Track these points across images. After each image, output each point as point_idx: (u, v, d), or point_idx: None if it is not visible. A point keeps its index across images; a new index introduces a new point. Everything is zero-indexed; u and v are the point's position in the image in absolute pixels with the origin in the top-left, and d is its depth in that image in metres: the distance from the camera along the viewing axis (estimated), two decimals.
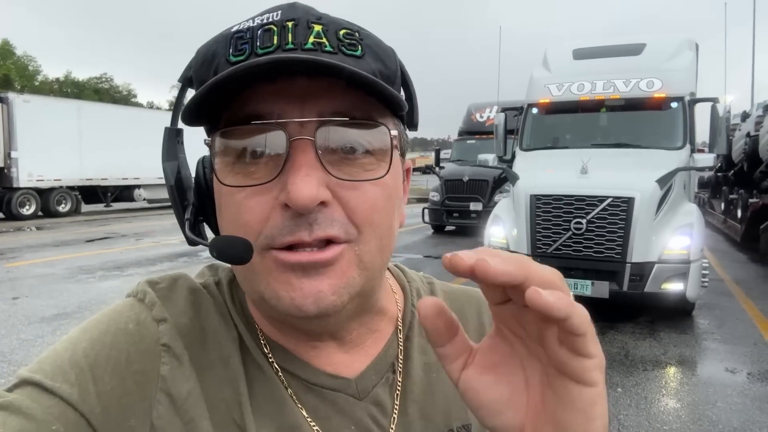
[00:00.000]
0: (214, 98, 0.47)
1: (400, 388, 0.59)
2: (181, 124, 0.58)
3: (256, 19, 0.50)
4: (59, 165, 16.94)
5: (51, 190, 17.01)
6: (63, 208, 17.50)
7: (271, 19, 0.49)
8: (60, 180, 17.15)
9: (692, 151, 6.13)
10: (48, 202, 16.94)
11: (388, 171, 0.51)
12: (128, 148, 18.58)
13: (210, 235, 0.58)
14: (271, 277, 0.49)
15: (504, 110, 7.40)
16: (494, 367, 0.41)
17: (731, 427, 3.46)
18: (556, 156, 6.48)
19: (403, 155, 0.57)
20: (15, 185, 15.89)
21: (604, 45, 7.07)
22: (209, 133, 0.53)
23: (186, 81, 0.56)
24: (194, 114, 0.50)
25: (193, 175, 0.60)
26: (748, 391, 4.02)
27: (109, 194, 19.47)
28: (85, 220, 16.44)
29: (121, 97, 57.90)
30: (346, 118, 0.48)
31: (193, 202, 0.58)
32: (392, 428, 0.57)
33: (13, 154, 15.80)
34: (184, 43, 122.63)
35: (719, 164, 13.29)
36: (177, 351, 0.52)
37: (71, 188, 17.81)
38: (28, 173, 16.13)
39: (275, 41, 0.48)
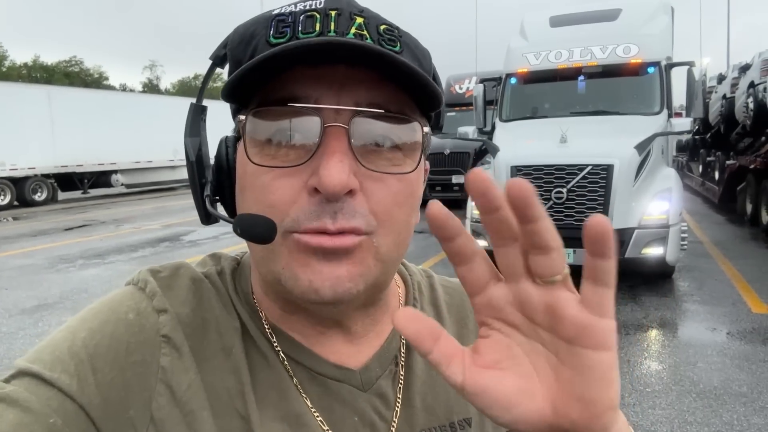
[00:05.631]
0: (255, 77, 0.47)
1: (402, 381, 0.60)
2: (205, 102, 0.59)
3: (298, 4, 0.50)
4: (32, 153, 16.56)
5: (25, 179, 16.65)
6: (39, 196, 17.18)
7: (314, 6, 0.49)
8: (34, 168, 16.79)
9: (670, 115, 6.17)
10: (23, 191, 16.60)
11: (415, 168, 0.52)
12: (103, 133, 18.22)
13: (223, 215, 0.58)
14: (291, 257, 0.49)
15: (483, 81, 7.37)
16: (495, 364, 0.39)
17: (712, 386, 3.55)
18: (535, 126, 6.48)
19: (425, 155, 0.57)
20: None
21: (581, 11, 7.04)
22: (237, 112, 0.52)
23: (217, 59, 0.56)
24: (231, 91, 0.49)
25: (214, 153, 0.59)
26: (728, 351, 4.13)
27: (86, 181, 19.13)
28: (62, 208, 16.16)
29: (93, 80, 56.67)
30: (382, 110, 0.49)
31: (211, 180, 0.57)
32: (395, 420, 0.57)
33: None
34: (154, 23, 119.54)
35: (696, 127, 13.45)
36: (177, 342, 0.51)
37: (46, 176, 17.45)
38: (0, 162, 15.77)
39: (317, 28, 0.48)
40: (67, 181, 18.54)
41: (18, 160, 16.23)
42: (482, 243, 6.73)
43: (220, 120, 1.37)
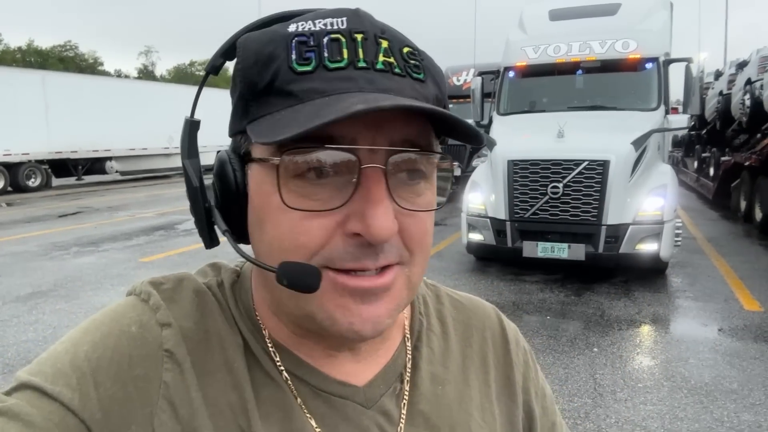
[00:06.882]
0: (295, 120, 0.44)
1: (407, 398, 0.59)
2: (197, 116, 0.55)
3: (318, 23, 0.47)
4: (26, 138, 16.47)
5: (19, 164, 16.56)
6: (33, 182, 17.10)
7: (336, 27, 0.47)
8: (28, 154, 16.69)
9: (667, 111, 6.18)
10: (17, 177, 16.52)
11: (446, 201, 0.54)
12: (98, 119, 18.11)
13: (219, 236, 0.55)
14: (325, 298, 0.48)
15: (481, 74, 7.34)
16: None
17: (703, 383, 3.58)
18: (532, 120, 6.48)
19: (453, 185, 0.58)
20: None
21: (580, 5, 7.01)
22: (243, 134, 0.49)
23: (213, 69, 0.54)
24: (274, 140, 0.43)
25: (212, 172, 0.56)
26: (719, 347, 4.16)
27: (80, 167, 19.04)
28: (56, 195, 16.07)
29: (87, 66, 56.14)
30: (415, 148, 0.48)
31: (215, 205, 0.53)
32: None
33: None
34: (150, 8, 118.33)
35: (693, 123, 13.49)
36: (180, 357, 0.50)
37: (40, 162, 17.37)
38: None
39: (345, 55, 0.46)
40: (62, 167, 18.45)
41: (12, 145, 16.13)
42: (478, 237, 6.73)
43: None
